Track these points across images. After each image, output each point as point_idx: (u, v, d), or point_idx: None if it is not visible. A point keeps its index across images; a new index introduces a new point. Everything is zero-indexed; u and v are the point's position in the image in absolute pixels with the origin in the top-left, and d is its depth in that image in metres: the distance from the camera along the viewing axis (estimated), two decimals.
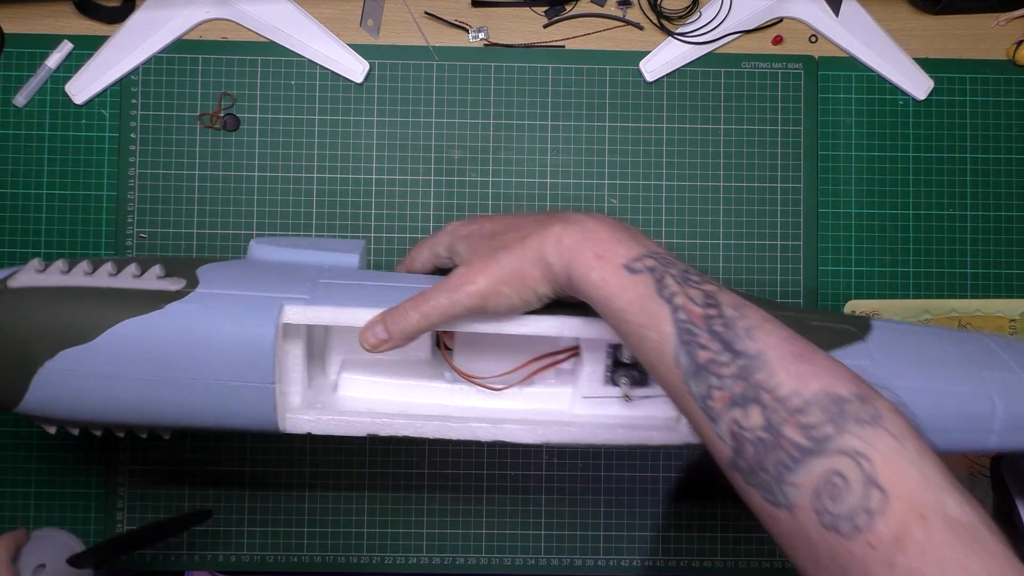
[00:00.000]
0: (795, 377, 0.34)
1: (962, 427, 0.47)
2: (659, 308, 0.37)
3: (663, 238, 0.68)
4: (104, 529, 0.66)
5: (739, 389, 0.34)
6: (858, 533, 0.31)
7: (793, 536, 0.33)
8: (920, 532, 0.30)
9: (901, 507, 0.31)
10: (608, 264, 0.39)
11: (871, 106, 0.69)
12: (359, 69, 0.67)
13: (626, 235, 0.41)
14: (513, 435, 0.48)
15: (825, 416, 0.33)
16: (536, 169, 0.68)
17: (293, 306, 0.46)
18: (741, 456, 0.34)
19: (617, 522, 0.67)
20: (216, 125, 0.67)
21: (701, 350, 0.36)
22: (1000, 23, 0.69)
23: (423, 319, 0.44)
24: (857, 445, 0.32)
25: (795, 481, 0.33)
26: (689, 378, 0.36)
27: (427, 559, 0.66)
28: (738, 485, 0.36)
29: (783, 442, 0.33)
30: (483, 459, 0.67)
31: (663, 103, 0.68)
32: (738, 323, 0.36)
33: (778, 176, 0.68)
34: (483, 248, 0.44)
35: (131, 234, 0.66)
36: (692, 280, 0.39)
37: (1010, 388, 0.47)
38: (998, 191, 0.69)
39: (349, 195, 0.67)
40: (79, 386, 0.46)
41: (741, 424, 0.34)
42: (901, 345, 0.49)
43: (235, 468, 0.66)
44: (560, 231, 0.41)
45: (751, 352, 0.35)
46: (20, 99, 0.66)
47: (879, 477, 0.31)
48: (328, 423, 0.48)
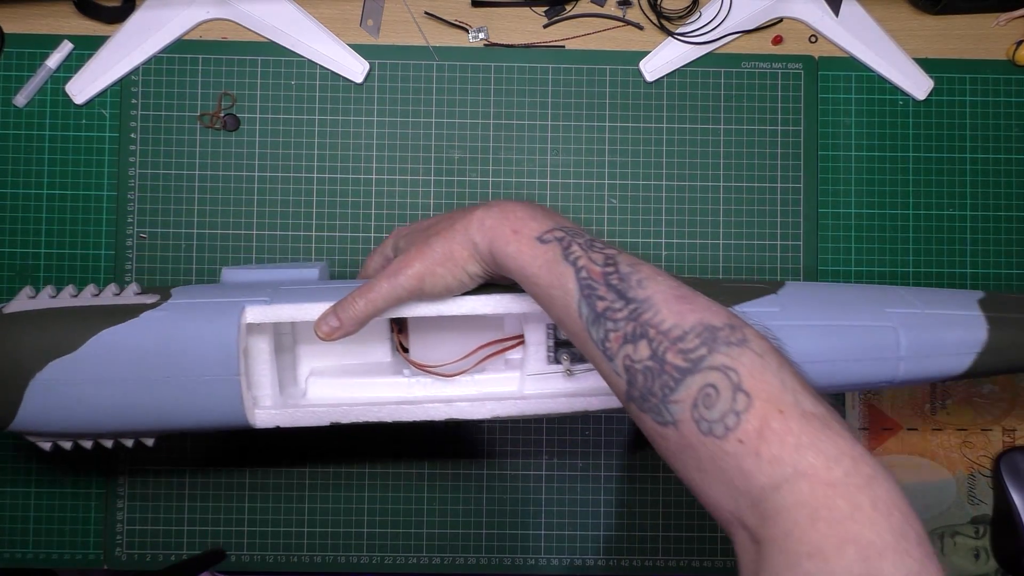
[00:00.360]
0: (676, 314, 0.39)
1: (872, 356, 0.51)
2: (565, 270, 0.43)
3: (663, 238, 0.68)
4: (104, 529, 0.66)
5: (630, 329, 0.40)
6: (729, 432, 0.36)
7: (681, 450, 0.38)
8: (779, 423, 0.35)
9: (763, 406, 0.36)
10: (523, 237, 0.45)
11: (871, 106, 0.69)
12: (359, 69, 0.67)
13: (540, 212, 0.47)
14: (464, 412, 0.53)
15: (700, 341, 0.38)
16: (536, 169, 0.68)
17: (255, 307, 0.52)
18: (634, 386, 0.39)
19: (617, 522, 0.67)
20: (216, 125, 0.67)
21: (599, 301, 0.41)
22: (1000, 23, 0.69)
23: (369, 304, 0.49)
24: (726, 361, 0.37)
25: (677, 398, 0.37)
26: (590, 326, 0.41)
27: (427, 559, 0.66)
28: (635, 415, 0.40)
29: (667, 367, 0.38)
30: (483, 459, 0.67)
31: (663, 103, 0.68)
32: (631, 276, 0.41)
33: (778, 176, 0.68)
34: (419, 239, 0.50)
35: (131, 234, 0.66)
36: (596, 246, 0.44)
37: (912, 320, 0.52)
38: (998, 191, 0.69)
39: (349, 195, 0.67)
40: (67, 395, 0.51)
41: (632, 358, 0.39)
42: (809, 295, 0.54)
43: (235, 468, 0.66)
44: (482, 214, 0.47)
45: (640, 298, 0.40)
46: (20, 99, 0.66)
47: (744, 384, 0.36)
48: (293, 415, 0.53)
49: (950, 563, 0.68)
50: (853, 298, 0.54)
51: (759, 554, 0.34)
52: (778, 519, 0.34)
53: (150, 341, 0.51)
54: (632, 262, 0.43)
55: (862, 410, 0.68)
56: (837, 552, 0.32)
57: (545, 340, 0.54)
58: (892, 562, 0.31)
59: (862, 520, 0.32)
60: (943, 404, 0.69)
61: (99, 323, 0.51)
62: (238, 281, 0.57)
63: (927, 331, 0.52)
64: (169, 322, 0.52)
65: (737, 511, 0.36)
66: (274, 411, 0.53)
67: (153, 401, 0.52)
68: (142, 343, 0.51)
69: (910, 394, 0.69)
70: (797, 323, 0.52)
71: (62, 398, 0.51)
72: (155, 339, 0.51)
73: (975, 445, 0.68)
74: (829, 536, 0.32)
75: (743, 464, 0.35)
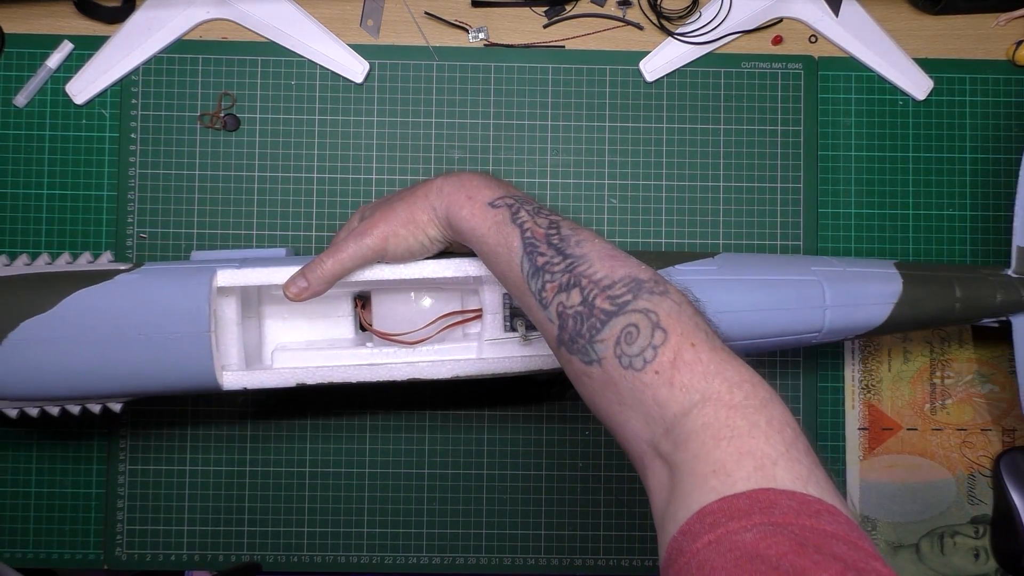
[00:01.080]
0: (608, 268, 0.43)
1: (801, 305, 0.57)
2: (512, 230, 0.47)
3: (663, 238, 0.68)
4: (104, 529, 0.66)
5: (565, 279, 0.43)
6: (647, 365, 0.39)
7: (603, 386, 0.41)
8: (690, 355, 0.39)
9: (677, 340, 0.39)
10: (476, 203, 0.49)
11: (871, 106, 0.69)
12: (359, 69, 0.67)
13: (494, 182, 0.51)
14: (426, 372, 0.55)
15: (626, 289, 0.42)
16: (536, 169, 0.68)
17: (225, 270, 0.54)
18: (564, 330, 0.43)
19: (617, 522, 0.67)
20: (216, 125, 0.67)
21: (539, 256, 0.45)
22: (1000, 23, 0.69)
23: (336, 264, 0.53)
24: (648, 305, 0.41)
25: (602, 338, 0.41)
26: (529, 278, 0.45)
27: (427, 559, 0.66)
28: (564, 359, 0.43)
29: (595, 311, 0.41)
30: (483, 459, 0.67)
31: (663, 103, 0.68)
32: (571, 237, 0.45)
33: (778, 176, 0.68)
34: (384, 206, 0.54)
35: (131, 234, 0.66)
36: (543, 212, 0.48)
37: (834, 276, 0.58)
38: (998, 191, 0.69)
39: (349, 195, 0.67)
40: (39, 355, 0.53)
41: (565, 304, 0.43)
42: (743, 258, 0.60)
43: (235, 468, 0.66)
44: (441, 182, 0.51)
45: (577, 254, 0.44)
46: (20, 99, 0.66)
47: (662, 323, 0.40)
48: (260, 377, 0.55)
49: (950, 563, 0.68)
50: (783, 259, 0.60)
51: (672, 479, 0.37)
52: (688, 443, 0.37)
53: (124, 300, 0.53)
54: (573, 227, 0.46)
55: (862, 410, 0.68)
56: (736, 465, 0.35)
57: (501, 309, 0.57)
58: (784, 468, 0.35)
59: (758, 436, 0.36)
60: (943, 404, 0.69)
61: (74, 285, 0.53)
62: (208, 259, 0.59)
63: (849, 283, 0.57)
64: (143, 283, 0.54)
65: (653, 440, 0.39)
66: (241, 373, 0.55)
67: (125, 360, 0.53)
68: (116, 302, 0.53)
69: (910, 394, 0.69)
70: (732, 278, 0.57)
71: (34, 358, 0.53)
72: (129, 298, 0.53)
73: (975, 445, 0.68)
74: (730, 452, 0.35)
75: (658, 394, 0.38)
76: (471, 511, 0.67)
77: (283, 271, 0.54)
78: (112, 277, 0.54)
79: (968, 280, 0.59)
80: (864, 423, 0.68)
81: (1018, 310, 0.60)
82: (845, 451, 0.68)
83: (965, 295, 0.58)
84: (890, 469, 0.68)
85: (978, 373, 0.69)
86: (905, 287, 0.58)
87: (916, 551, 0.68)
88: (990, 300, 0.59)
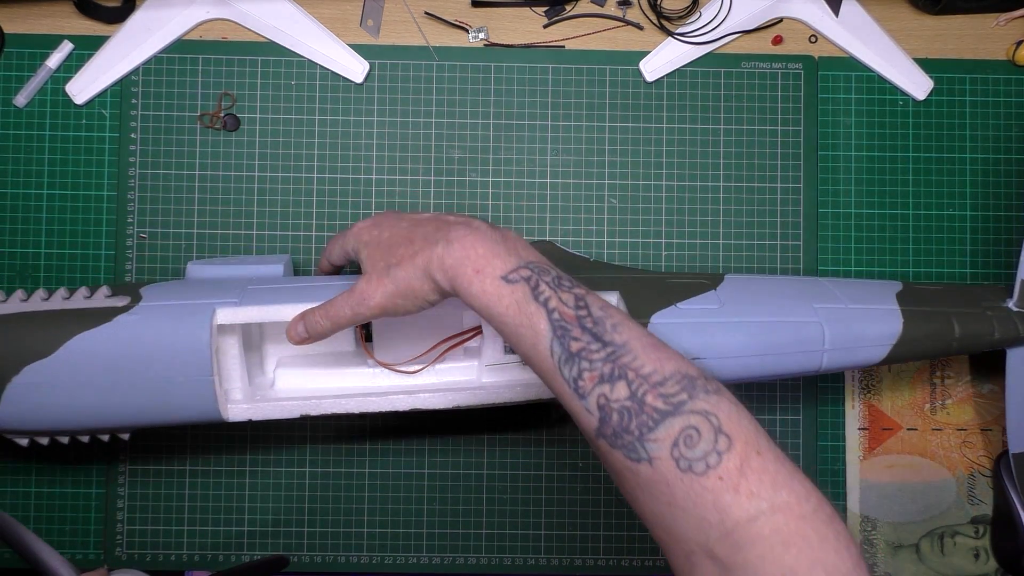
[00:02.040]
0: (655, 360, 0.42)
1: (799, 349, 0.57)
2: (536, 310, 0.44)
3: (663, 238, 0.68)
4: (104, 529, 0.66)
5: (608, 370, 0.42)
6: (710, 470, 0.39)
7: (651, 484, 0.40)
8: (757, 462, 0.39)
9: (742, 447, 0.39)
10: (486, 277, 0.46)
11: (871, 106, 0.69)
12: (359, 69, 0.67)
13: (502, 248, 0.47)
14: (426, 402, 0.56)
15: (680, 387, 0.41)
16: (536, 169, 0.68)
17: (225, 308, 0.54)
18: (607, 423, 0.42)
19: (617, 522, 0.67)
20: (216, 125, 0.67)
21: (574, 341, 0.43)
22: (1000, 23, 0.69)
23: (333, 325, 0.52)
24: (707, 407, 0.40)
25: (655, 437, 0.40)
26: (562, 364, 0.43)
27: (427, 559, 0.66)
28: (602, 450, 0.43)
29: (646, 408, 0.41)
30: (483, 459, 0.67)
31: (663, 103, 0.68)
32: (605, 320, 0.44)
33: (778, 176, 0.68)
34: (379, 264, 0.51)
35: (131, 234, 0.66)
36: (564, 285, 0.45)
37: (837, 316, 0.57)
38: (998, 191, 0.69)
39: (349, 195, 0.67)
40: (44, 396, 0.53)
41: (608, 397, 0.42)
42: (745, 289, 0.59)
43: (235, 469, 0.66)
44: (442, 252, 0.47)
45: (618, 342, 0.43)
46: (20, 99, 0.66)
47: (724, 427, 0.40)
48: (265, 409, 0.55)
49: (950, 563, 0.68)
50: (786, 292, 0.59)
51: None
52: (753, 547, 0.38)
53: (123, 345, 0.53)
54: (602, 304, 0.45)
55: (862, 410, 0.68)
56: (808, 571, 0.37)
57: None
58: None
59: (828, 549, 0.37)
60: (943, 404, 0.69)
61: (73, 327, 0.53)
62: (205, 277, 0.59)
63: (849, 326, 0.57)
64: (142, 326, 0.53)
65: (706, 543, 0.39)
66: (245, 405, 0.55)
67: (128, 401, 0.54)
68: (116, 347, 0.53)
69: (910, 394, 0.69)
70: (735, 320, 0.56)
71: (39, 400, 0.53)
72: (128, 343, 0.53)
73: (975, 445, 0.68)
74: (801, 559, 0.37)
75: (720, 499, 0.39)
76: (471, 511, 0.67)
77: (280, 309, 0.54)
78: (111, 318, 0.53)
79: (968, 317, 0.59)
80: (864, 423, 0.68)
81: (1014, 344, 0.60)
82: (845, 451, 0.68)
83: (963, 334, 0.58)
84: (890, 469, 0.68)
85: (978, 373, 0.69)
86: (905, 327, 0.57)
87: (916, 551, 0.68)
88: (987, 337, 0.59)
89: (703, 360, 0.56)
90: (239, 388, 0.56)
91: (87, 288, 0.56)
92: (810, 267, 0.68)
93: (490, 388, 0.56)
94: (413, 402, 0.56)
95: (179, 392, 0.53)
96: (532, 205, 0.67)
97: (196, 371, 0.53)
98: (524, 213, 0.67)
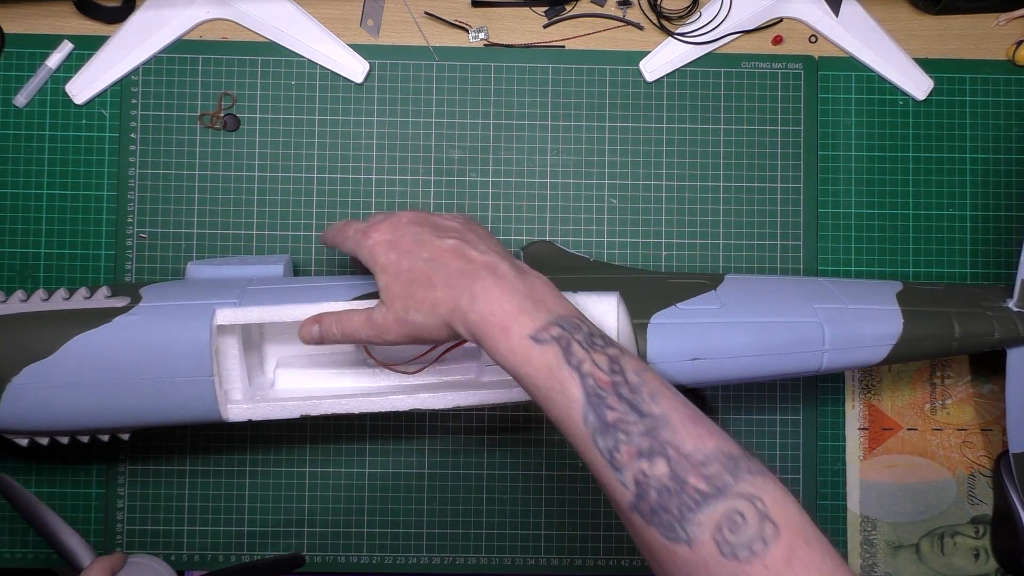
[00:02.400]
0: (695, 437, 0.41)
1: (799, 349, 0.56)
2: (568, 375, 0.42)
3: (663, 238, 0.68)
4: (104, 529, 0.66)
5: (646, 445, 0.40)
6: (755, 558, 0.37)
7: (690, 566, 0.39)
8: (805, 553, 0.38)
9: (789, 536, 0.38)
10: (514, 336, 0.44)
11: (871, 106, 0.69)
12: (359, 69, 0.67)
13: (530, 303, 0.44)
14: (426, 403, 0.56)
15: (723, 468, 0.40)
16: (536, 169, 0.68)
17: (225, 309, 0.54)
18: (644, 500, 0.40)
19: (617, 522, 0.67)
20: (216, 125, 0.67)
21: (609, 411, 0.41)
22: (1000, 23, 0.69)
23: (346, 339, 0.51)
24: (752, 491, 0.39)
25: (698, 520, 0.39)
26: (596, 434, 0.41)
27: (427, 559, 0.66)
28: (636, 525, 0.41)
29: (687, 488, 0.39)
30: (483, 459, 0.67)
31: (663, 103, 0.68)
32: (642, 389, 0.42)
33: (778, 176, 0.68)
34: (397, 303, 0.48)
35: (131, 234, 0.66)
36: (597, 344, 0.44)
37: (837, 316, 0.57)
38: (998, 191, 0.69)
39: (349, 195, 0.67)
40: (43, 397, 0.53)
41: (647, 473, 0.40)
42: (746, 290, 0.59)
43: (235, 469, 0.66)
44: (467, 306, 0.45)
45: (657, 414, 0.41)
46: (20, 99, 0.66)
47: (770, 513, 0.38)
48: (265, 409, 0.55)
49: (950, 563, 0.68)
50: (787, 292, 0.59)
51: None
52: None
53: (123, 345, 0.53)
54: (637, 368, 0.43)
55: (862, 410, 0.68)
56: None
57: None
58: None
59: None
60: (943, 404, 0.69)
61: (72, 328, 0.53)
62: (205, 278, 0.59)
63: (849, 326, 0.57)
64: (141, 326, 0.53)
65: None
66: (246, 405, 0.55)
67: (128, 402, 0.54)
68: (115, 348, 0.53)
69: (910, 394, 0.69)
70: (735, 320, 0.56)
71: (38, 400, 0.53)
72: (128, 343, 0.53)
73: (975, 445, 0.68)
74: None
75: None
76: (471, 511, 0.67)
77: (282, 310, 0.54)
78: (111, 319, 0.53)
79: (968, 317, 0.59)
80: (864, 423, 0.68)
81: (1014, 344, 0.60)
82: (845, 451, 0.68)
83: (964, 334, 0.58)
84: (890, 469, 0.68)
85: (978, 373, 0.69)
86: (905, 327, 0.58)
87: (916, 551, 0.68)
88: (988, 337, 0.59)
89: (703, 360, 0.56)
90: (239, 388, 0.56)
91: (87, 288, 0.56)
92: (810, 267, 0.68)
93: (490, 388, 0.57)
94: (413, 402, 0.56)
95: (179, 392, 0.53)
96: (532, 205, 0.67)
97: (196, 371, 0.53)
98: (524, 213, 0.67)
